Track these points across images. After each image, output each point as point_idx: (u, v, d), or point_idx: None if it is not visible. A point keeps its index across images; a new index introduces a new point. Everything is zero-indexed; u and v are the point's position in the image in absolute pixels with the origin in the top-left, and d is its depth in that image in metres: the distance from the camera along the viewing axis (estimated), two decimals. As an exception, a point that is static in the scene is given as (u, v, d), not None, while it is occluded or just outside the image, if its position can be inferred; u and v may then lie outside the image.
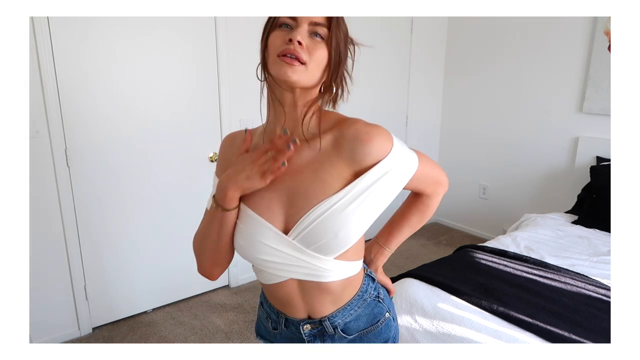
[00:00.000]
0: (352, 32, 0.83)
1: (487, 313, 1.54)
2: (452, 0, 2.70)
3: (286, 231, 0.79)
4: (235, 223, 0.82)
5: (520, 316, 1.48)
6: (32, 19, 1.90)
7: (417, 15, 3.33)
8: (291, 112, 0.80)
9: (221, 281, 2.79)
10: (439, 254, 3.17)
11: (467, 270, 1.84)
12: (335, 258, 0.80)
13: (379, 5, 2.63)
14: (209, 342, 2.22)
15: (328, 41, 0.75)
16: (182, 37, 2.32)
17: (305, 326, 0.87)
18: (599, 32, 2.69)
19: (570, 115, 2.94)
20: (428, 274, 1.78)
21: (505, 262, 1.91)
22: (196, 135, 2.48)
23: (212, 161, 2.54)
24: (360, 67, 0.76)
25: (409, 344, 1.56)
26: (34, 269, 2.11)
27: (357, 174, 0.78)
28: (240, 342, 2.21)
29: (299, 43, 0.72)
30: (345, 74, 0.81)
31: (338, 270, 0.82)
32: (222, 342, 2.22)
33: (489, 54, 3.35)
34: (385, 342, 0.93)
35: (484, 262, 1.92)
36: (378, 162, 0.77)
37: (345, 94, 0.82)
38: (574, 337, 1.38)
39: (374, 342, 0.91)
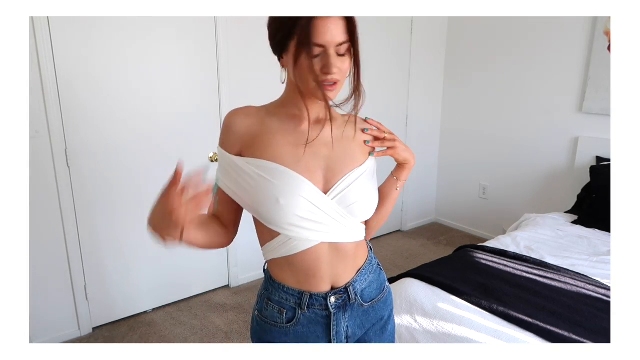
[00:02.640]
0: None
1: (487, 313, 1.54)
2: (452, 0, 2.70)
3: (324, 192, 0.88)
4: (233, 210, 0.94)
5: (520, 316, 1.48)
6: (32, 19, 1.90)
7: (417, 15, 3.33)
8: (310, 102, 0.89)
9: (221, 281, 2.80)
10: (439, 254, 3.17)
11: (467, 270, 1.84)
12: (359, 222, 0.92)
13: (379, 5, 2.63)
14: (209, 342, 2.22)
15: (351, 54, 0.84)
16: (182, 37, 2.32)
17: (331, 298, 0.91)
18: (599, 32, 2.69)
19: (570, 115, 2.93)
20: (428, 274, 1.78)
21: (505, 262, 1.91)
22: (196, 135, 2.48)
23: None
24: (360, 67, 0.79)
25: (409, 344, 1.56)
26: (34, 269, 2.11)
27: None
28: (240, 342, 2.21)
29: (335, 72, 0.81)
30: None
31: (359, 232, 0.94)
32: (222, 342, 2.22)
33: (488, 54, 3.35)
34: (390, 312, 1.03)
35: (484, 262, 1.92)
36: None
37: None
38: (574, 337, 1.38)
39: (384, 310, 1.00)
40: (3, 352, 0.65)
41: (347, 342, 0.94)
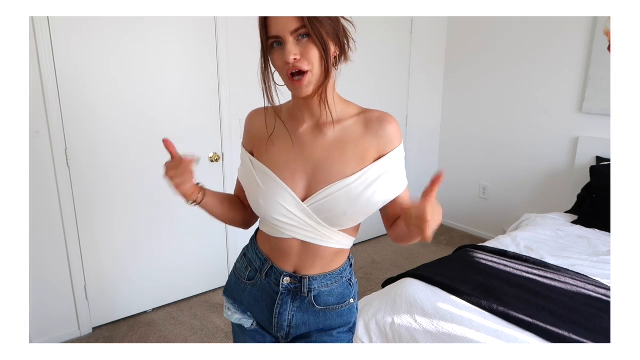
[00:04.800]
0: (352, 33, 0.87)
1: (487, 313, 1.54)
2: (452, 0, 2.70)
3: (303, 199, 0.90)
4: (230, 199, 1.06)
5: (520, 316, 1.48)
6: (32, 19, 1.90)
7: (417, 15, 3.33)
8: (313, 101, 0.90)
9: (221, 281, 2.79)
10: (438, 254, 3.17)
11: (467, 270, 1.84)
12: (338, 230, 0.93)
13: (379, 5, 2.63)
14: (209, 342, 2.22)
15: (312, 36, 0.80)
16: (182, 37, 2.32)
17: (285, 278, 0.97)
18: (599, 32, 2.69)
19: (570, 115, 2.94)
20: (428, 273, 1.78)
21: (505, 262, 1.91)
22: (196, 135, 2.48)
23: (212, 161, 2.54)
24: (360, 67, 0.77)
25: (409, 344, 1.56)
26: (34, 269, 2.11)
27: (380, 155, 0.90)
28: (240, 342, 2.20)
29: (295, 59, 0.80)
30: (346, 35, 0.87)
31: (336, 240, 0.95)
32: (222, 342, 2.22)
33: (488, 54, 3.35)
34: (347, 324, 1.02)
35: (483, 262, 1.92)
36: (394, 149, 0.91)
37: (349, 52, 0.89)
38: (573, 337, 1.38)
39: (336, 320, 1.00)
40: (3, 352, 0.65)
41: (288, 330, 0.99)
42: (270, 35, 0.81)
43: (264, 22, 0.82)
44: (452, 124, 3.74)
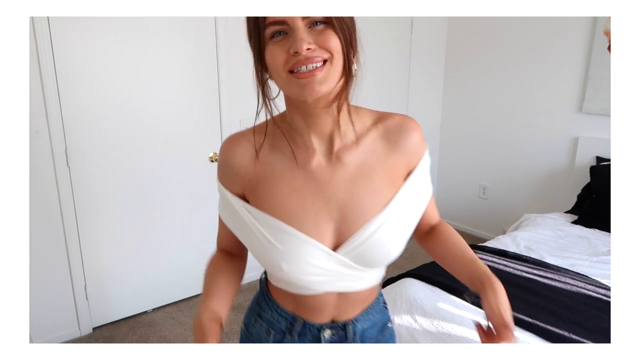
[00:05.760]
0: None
1: (487, 313, 1.54)
2: (452, 0, 2.70)
3: (335, 247, 0.72)
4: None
5: (520, 316, 1.48)
6: (32, 19, 1.90)
7: (417, 15, 3.33)
8: (322, 116, 0.70)
9: (221, 281, 2.79)
10: (439, 254, 3.17)
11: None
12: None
13: (379, 5, 2.63)
14: (209, 342, 2.21)
15: (332, 23, 0.63)
16: (182, 37, 2.32)
17: (326, 332, 0.81)
18: (599, 32, 2.68)
19: (570, 115, 2.93)
20: (428, 273, 1.78)
21: (505, 262, 1.90)
22: (196, 135, 2.48)
23: (212, 161, 2.54)
24: (360, 67, 0.73)
25: (409, 344, 1.56)
26: (34, 269, 2.11)
27: (409, 170, 0.76)
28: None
29: (309, 49, 0.61)
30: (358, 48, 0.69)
31: (377, 275, 0.81)
32: (222, 342, 2.21)
33: (489, 54, 3.35)
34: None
35: (483, 262, 1.92)
36: (422, 158, 0.77)
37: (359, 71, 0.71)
38: (573, 337, 1.38)
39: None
40: (3, 352, 0.65)
41: None
42: (269, 21, 0.62)
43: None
44: (452, 124, 3.74)
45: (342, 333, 0.82)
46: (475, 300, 0.79)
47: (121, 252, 2.37)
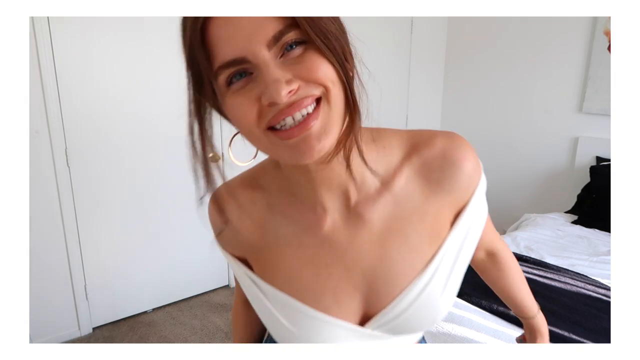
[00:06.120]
0: (352, 33, 0.80)
1: (486, 313, 1.54)
2: (452, 0, 2.70)
3: (363, 322, 0.58)
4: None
5: (520, 316, 1.48)
6: (32, 19, 1.90)
7: (417, 15, 3.33)
8: (327, 170, 0.52)
9: (221, 281, 2.79)
10: (439, 254, 3.17)
11: (466, 270, 1.84)
12: None
13: (379, 5, 2.63)
14: (209, 342, 2.22)
15: (311, 40, 0.43)
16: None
17: None
18: (599, 32, 2.68)
19: (570, 115, 2.93)
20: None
21: (505, 262, 1.90)
22: (196, 135, 2.48)
23: (212, 161, 2.54)
24: (363, 88, 0.57)
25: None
26: (34, 269, 2.11)
27: (458, 210, 0.57)
28: (240, 342, 2.20)
29: (291, 92, 0.42)
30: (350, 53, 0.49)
31: (417, 337, 0.63)
32: (222, 342, 2.22)
33: (489, 54, 3.35)
34: None
35: (484, 262, 1.92)
36: (476, 188, 0.57)
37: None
38: (573, 337, 1.38)
39: None
40: (3, 352, 0.65)
41: None
42: (223, 61, 0.43)
43: (200, 39, 0.46)
44: (452, 124, 3.74)
45: None
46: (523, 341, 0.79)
47: (121, 252, 2.37)
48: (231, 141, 0.57)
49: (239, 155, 0.57)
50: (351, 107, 0.47)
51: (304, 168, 0.52)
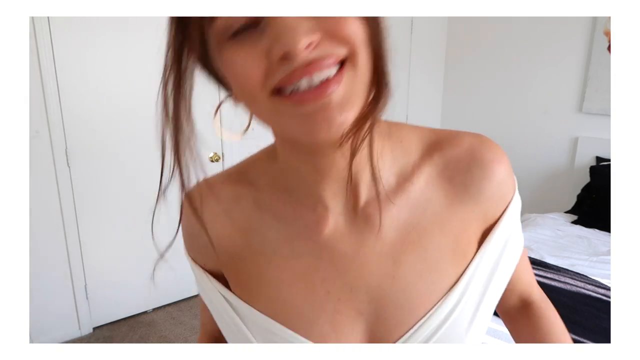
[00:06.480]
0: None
1: (487, 313, 1.54)
2: (452, 0, 2.70)
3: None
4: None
5: (520, 316, 1.48)
6: (32, 19, 1.91)
7: (417, 15, 3.33)
8: (337, 157, 0.41)
9: (221, 281, 2.80)
10: (439, 254, 3.17)
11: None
12: None
13: (378, 5, 2.63)
14: (209, 342, 2.22)
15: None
16: (182, 37, 2.33)
17: None
18: (599, 32, 2.68)
19: (570, 115, 2.94)
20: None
21: (505, 262, 1.91)
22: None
23: (212, 161, 2.54)
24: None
25: (408, 344, 1.56)
26: (34, 269, 2.11)
27: (488, 226, 0.46)
28: (240, 342, 2.20)
29: (309, 46, 0.33)
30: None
31: None
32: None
33: (488, 54, 3.36)
34: None
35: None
36: (510, 202, 0.47)
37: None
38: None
39: None
40: (3, 352, 0.65)
41: None
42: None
43: None
44: (452, 124, 3.74)
45: None
46: None
47: (121, 252, 2.37)
48: (218, 108, 0.45)
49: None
50: (379, 79, 0.37)
51: (307, 153, 0.42)
